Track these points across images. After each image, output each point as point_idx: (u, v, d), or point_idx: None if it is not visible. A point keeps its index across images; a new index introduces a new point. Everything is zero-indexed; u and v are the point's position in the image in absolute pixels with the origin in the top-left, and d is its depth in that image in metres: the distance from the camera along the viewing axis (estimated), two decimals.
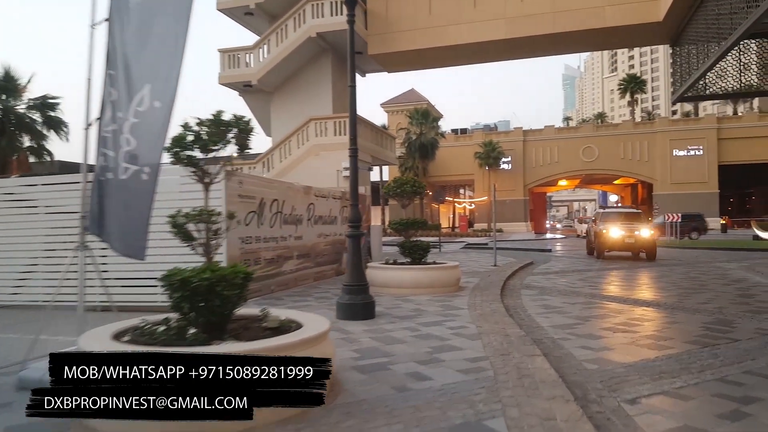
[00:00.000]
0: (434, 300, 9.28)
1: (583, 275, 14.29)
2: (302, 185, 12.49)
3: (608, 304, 9.34)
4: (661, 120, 58.83)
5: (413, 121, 47.46)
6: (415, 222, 10.66)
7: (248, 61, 22.25)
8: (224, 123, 4.39)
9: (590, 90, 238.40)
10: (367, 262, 16.13)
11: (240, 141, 4.55)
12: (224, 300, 4.20)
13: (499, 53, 22.61)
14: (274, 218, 10.77)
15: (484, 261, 18.05)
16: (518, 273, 14.69)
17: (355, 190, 7.63)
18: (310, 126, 20.61)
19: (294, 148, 20.86)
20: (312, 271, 12.55)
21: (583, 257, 21.16)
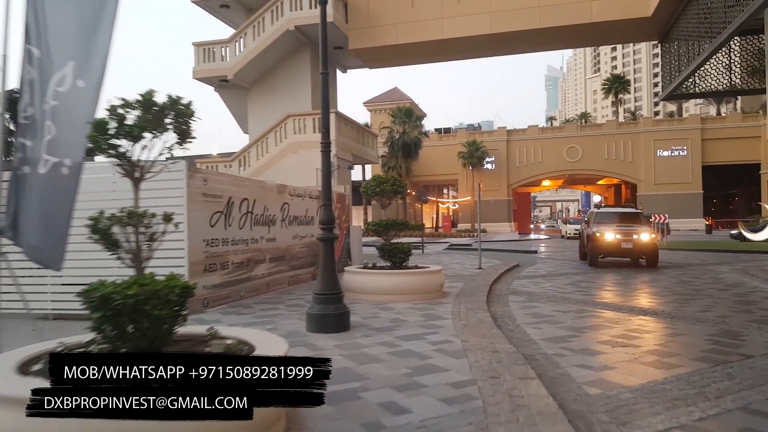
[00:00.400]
0: (416, 308, 8.56)
1: (571, 279, 13.67)
2: (276, 183, 11.70)
3: (602, 312, 8.68)
4: (645, 120, 58.81)
5: (396, 120, 46.75)
6: (395, 223, 9.93)
7: (224, 55, 21.39)
8: (157, 106, 3.60)
9: (573, 90, 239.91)
10: (345, 265, 15.41)
11: (179, 128, 3.76)
12: (155, 321, 3.43)
13: (483, 49, 22.00)
14: (244, 219, 9.97)
15: (468, 263, 17.39)
16: (504, 276, 14.04)
17: (327, 189, 6.88)
18: (288, 123, 19.80)
19: (271, 145, 20.05)
20: (287, 275, 11.77)
21: (570, 260, 20.59)
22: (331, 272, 6.74)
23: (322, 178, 6.84)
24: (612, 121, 59.72)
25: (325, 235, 6.80)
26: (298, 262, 12.32)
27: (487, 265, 16.22)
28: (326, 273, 6.73)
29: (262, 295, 10.30)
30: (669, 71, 20.41)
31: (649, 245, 16.28)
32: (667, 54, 20.60)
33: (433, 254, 23.12)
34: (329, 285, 6.70)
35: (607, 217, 18.29)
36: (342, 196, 15.51)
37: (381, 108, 59.71)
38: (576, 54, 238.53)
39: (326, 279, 6.71)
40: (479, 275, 13.48)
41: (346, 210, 16.04)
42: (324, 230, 6.83)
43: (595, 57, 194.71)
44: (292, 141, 19.74)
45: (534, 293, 10.84)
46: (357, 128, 22.56)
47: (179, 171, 8.25)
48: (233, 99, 22.86)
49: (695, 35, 17.40)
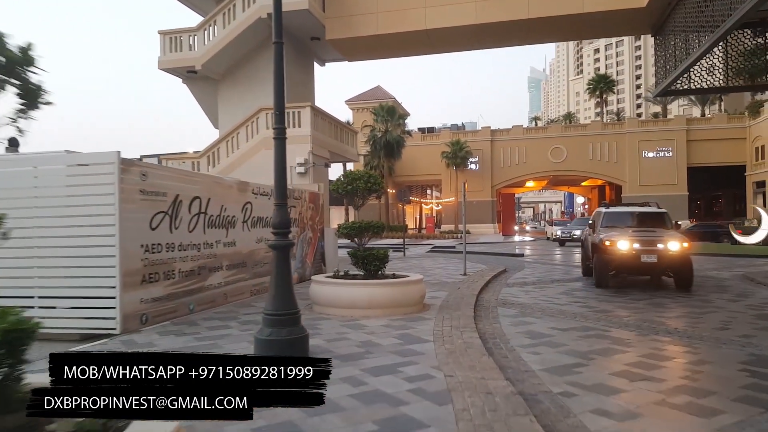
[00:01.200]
0: (392, 326, 7.31)
1: (564, 287, 12.53)
2: (236, 180, 10.39)
3: (607, 330, 7.51)
4: (631, 121, 58.18)
5: (378, 118, 45.43)
6: (370, 226, 8.66)
7: (192, 44, 19.96)
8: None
9: (555, 92, 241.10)
10: (320, 271, 14.13)
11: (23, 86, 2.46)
12: None
13: (468, 41, 20.82)
14: (195, 220, 8.64)
15: (452, 268, 16.19)
16: (491, 284, 12.86)
17: (281, 185, 5.58)
18: (260, 117, 18.44)
19: (242, 141, 18.68)
20: (249, 284, 10.45)
21: (559, 264, 19.52)
22: (284, 288, 5.45)
23: (275, 172, 5.55)
24: (597, 122, 59.06)
25: (278, 242, 5.52)
26: (263, 268, 11.01)
27: (472, 270, 15.04)
28: (279, 289, 5.45)
29: (218, 308, 8.97)
30: (663, 66, 19.43)
31: (679, 257, 11.62)
32: (662, 48, 19.61)
33: (415, 257, 21.92)
34: (282, 303, 5.41)
35: (619, 218, 13.72)
36: (315, 195, 14.23)
37: (363, 106, 58.43)
38: (559, 56, 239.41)
39: (279, 296, 5.42)
40: (464, 282, 12.27)
41: (320, 210, 14.75)
42: (277, 236, 5.54)
43: (578, 59, 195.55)
44: (264, 136, 18.35)
45: (526, 305, 9.65)
46: (335, 124, 21.26)
47: (109, 164, 6.92)
48: (203, 92, 21.43)
49: (693, 27, 16.41)
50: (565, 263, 19.33)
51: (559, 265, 18.81)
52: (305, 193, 13.54)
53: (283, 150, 5.56)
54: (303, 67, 22.00)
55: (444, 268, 16.28)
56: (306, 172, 17.76)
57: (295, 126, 18.09)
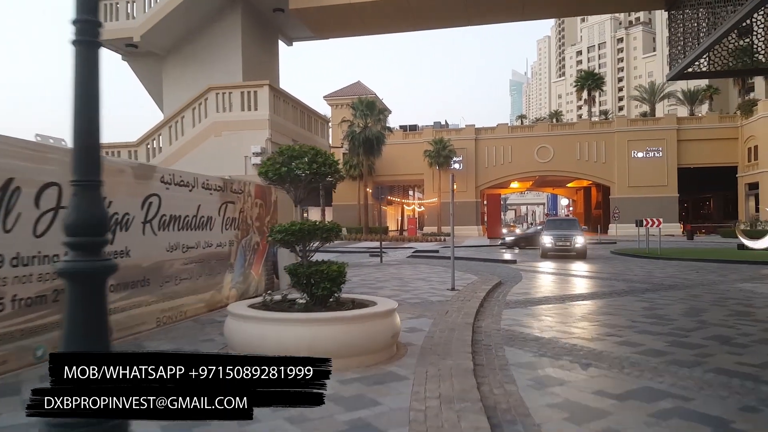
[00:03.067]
0: (340, 396, 4.42)
1: (581, 307, 9.77)
2: (130, 162, 7.46)
3: (689, 397, 4.69)
4: (620, 119, 55.93)
5: (357, 113, 42.39)
6: (316, 229, 5.73)
7: (130, 12, 16.88)
8: None
9: (537, 95, 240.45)
10: (271, 286, 11.18)
11: None
12: None
13: (456, 14, 17.99)
14: (48, 219, 5.67)
15: (436, 279, 13.35)
16: (487, 302, 10.03)
17: (88, 145, 2.65)
18: (209, 97, 15.43)
19: (188, 126, 15.65)
20: (156, 309, 7.48)
21: (560, 273, 16.75)
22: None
23: (73, 117, 2.62)
24: (585, 121, 56.73)
25: (74, 264, 2.60)
26: (180, 286, 8.05)
27: (461, 283, 12.20)
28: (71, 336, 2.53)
29: None
30: (678, 45, 16.83)
31: None
32: (677, 24, 17.00)
33: (393, 264, 19.03)
34: None
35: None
36: (265, 189, 11.27)
37: (342, 102, 55.40)
38: (541, 58, 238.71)
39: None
40: (453, 303, 9.41)
41: (273, 209, 11.78)
42: (74, 250, 2.62)
43: (560, 61, 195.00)
44: (214, 120, 15.36)
45: (542, 342, 6.80)
46: (302, 110, 18.29)
47: None
48: (145, 69, 18.33)
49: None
50: (566, 272, 16.59)
51: (561, 274, 16.07)
52: (250, 185, 10.59)
53: (92, 66, 2.62)
54: (265, 45, 19.02)
55: (427, 280, 13.43)
56: None
57: (253, 109, 15.17)
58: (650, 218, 24.33)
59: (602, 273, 16.19)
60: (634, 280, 13.95)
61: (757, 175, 47.88)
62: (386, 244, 37.38)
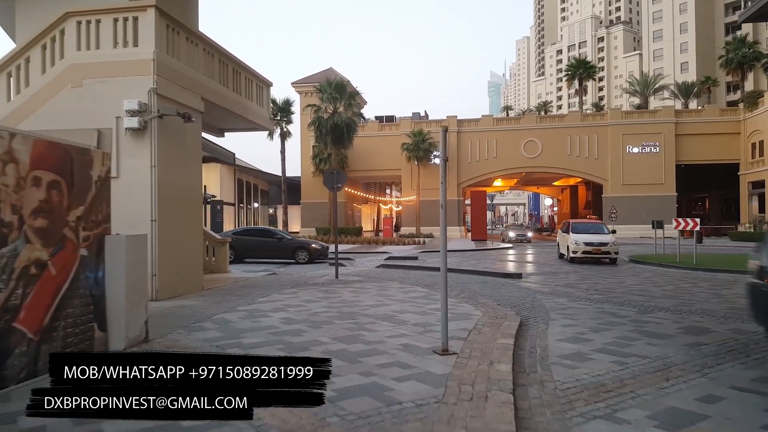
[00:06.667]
0: None
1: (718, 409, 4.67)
2: None
3: None
4: (613, 112, 51.25)
5: (324, 96, 36.99)
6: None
7: None
8: None
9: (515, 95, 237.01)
10: (90, 347, 5.81)
11: None
12: None
13: None
14: None
15: (413, 320, 8.16)
16: (521, 398, 4.87)
17: None
18: (67, 28, 10.09)
19: (36, 72, 10.26)
20: None
21: (592, 297, 11.68)
22: None
23: None
24: (576, 113, 52.01)
25: None
26: None
27: (457, 326, 7.04)
28: None
29: None
30: None
31: None
32: None
33: (354, 281, 13.74)
34: None
35: None
36: (71, 152, 5.92)
37: (312, 90, 49.88)
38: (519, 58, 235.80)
39: None
40: (455, 411, 4.21)
41: (90, 193, 6.43)
42: None
43: (540, 61, 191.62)
44: (72, 63, 10.00)
45: None
46: (224, 60, 12.97)
47: None
48: None
49: None
50: (602, 295, 11.54)
51: (597, 300, 10.99)
52: (17, 141, 5.20)
53: None
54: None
55: (397, 320, 8.22)
56: (144, 128, 9.41)
57: (132, 44, 9.88)
58: (683, 219, 19.46)
59: (654, 295, 11.16)
60: (732, 316, 8.92)
61: (762, 173, 43.69)
62: (357, 247, 32.25)
